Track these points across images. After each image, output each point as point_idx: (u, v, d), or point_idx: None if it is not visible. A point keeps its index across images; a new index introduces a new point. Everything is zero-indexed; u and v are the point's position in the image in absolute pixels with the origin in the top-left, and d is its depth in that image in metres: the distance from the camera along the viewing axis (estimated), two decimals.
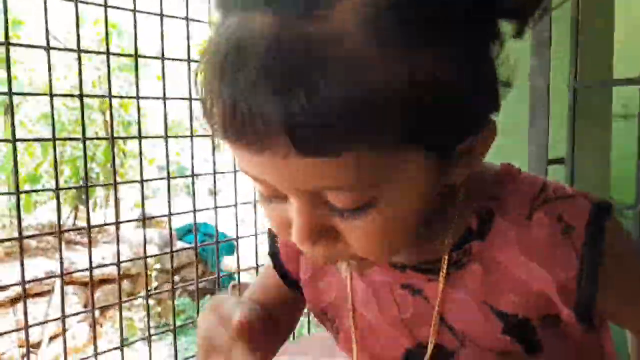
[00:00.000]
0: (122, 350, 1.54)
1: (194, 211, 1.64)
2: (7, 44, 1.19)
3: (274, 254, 0.65)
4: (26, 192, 3.26)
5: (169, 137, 1.56)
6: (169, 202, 1.60)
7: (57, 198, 1.37)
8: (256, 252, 1.84)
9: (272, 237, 0.64)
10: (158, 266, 4.28)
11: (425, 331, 0.53)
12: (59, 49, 1.62)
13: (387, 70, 0.36)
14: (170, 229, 1.71)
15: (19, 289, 1.98)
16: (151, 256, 2.77)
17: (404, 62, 0.37)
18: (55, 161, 1.38)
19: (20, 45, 1.58)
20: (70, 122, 4.50)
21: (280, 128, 0.36)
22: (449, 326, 0.52)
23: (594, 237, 0.47)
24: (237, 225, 1.81)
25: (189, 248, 1.73)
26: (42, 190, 4.87)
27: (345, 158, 0.37)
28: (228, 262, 4.12)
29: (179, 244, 4.40)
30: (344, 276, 0.55)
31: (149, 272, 4.34)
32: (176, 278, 4.67)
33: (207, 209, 1.76)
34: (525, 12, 0.43)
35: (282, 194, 0.43)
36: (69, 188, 4.47)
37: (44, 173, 4.45)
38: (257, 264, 1.86)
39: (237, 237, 1.84)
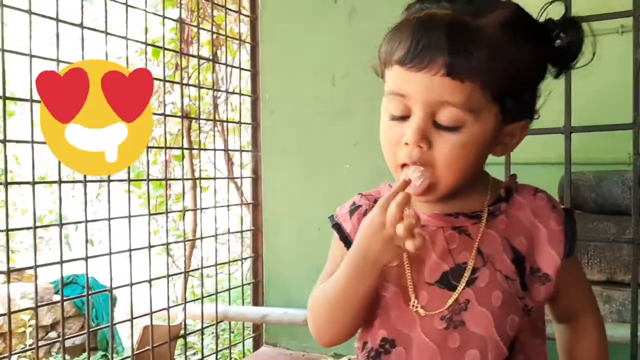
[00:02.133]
0: None
1: (61, 262, 1.59)
2: None
3: (344, 237, 0.86)
4: None
5: (36, 182, 1.52)
6: (35, 252, 1.54)
7: None
8: (131, 302, 1.80)
9: (340, 227, 0.87)
10: (33, 322, 4.01)
11: (462, 256, 0.79)
12: None
13: (505, 49, 0.69)
14: (36, 281, 1.63)
15: None
16: (16, 312, 2.56)
17: (512, 50, 0.70)
18: None
19: None
20: None
21: (444, 55, 0.67)
22: (481, 252, 0.78)
23: (569, 214, 0.81)
24: (110, 273, 1.75)
25: (55, 302, 1.62)
26: None
27: (466, 85, 0.68)
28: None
29: (57, 298, 4.17)
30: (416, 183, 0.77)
31: (23, 329, 4.06)
32: (53, 334, 4.40)
33: (76, 259, 1.69)
34: (568, 62, 0.78)
35: (406, 115, 0.73)
36: None
37: None
38: (131, 315, 1.82)
39: (111, 288, 1.79)
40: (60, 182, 1.57)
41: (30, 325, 4.01)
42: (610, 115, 1.49)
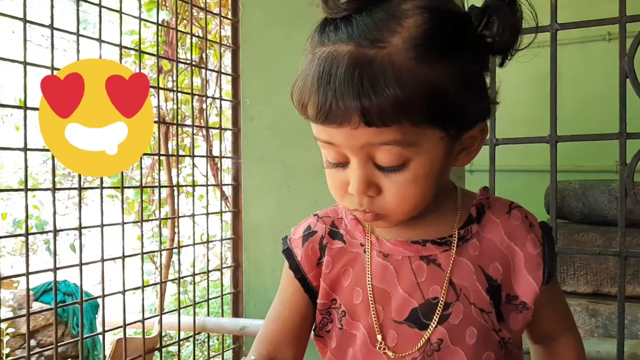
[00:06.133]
0: None
1: (27, 274, 1.53)
2: None
3: (295, 265, 0.79)
4: None
5: (1, 190, 1.46)
6: None
7: None
8: (103, 314, 1.75)
9: (290, 254, 0.80)
10: (12, 330, 3.91)
11: (433, 291, 0.71)
12: None
13: (420, 78, 0.60)
14: None
15: None
16: None
17: (431, 74, 0.60)
18: None
19: None
20: None
21: (356, 107, 0.59)
22: (453, 284, 0.71)
23: (547, 233, 0.74)
24: (81, 285, 1.66)
25: (21, 316, 1.54)
26: None
27: (394, 128, 0.60)
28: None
29: (36, 305, 4.08)
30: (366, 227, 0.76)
31: (0, 337, 3.96)
32: (33, 342, 4.30)
33: (44, 270, 1.63)
34: (507, 50, 0.67)
35: (345, 161, 0.65)
36: None
37: None
38: (103, 327, 1.76)
39: (82, 301, 1.68)
40: (26, 189, 1.51)
41: (8, 334, 3.91)
42: (598, 123, 1.46)
